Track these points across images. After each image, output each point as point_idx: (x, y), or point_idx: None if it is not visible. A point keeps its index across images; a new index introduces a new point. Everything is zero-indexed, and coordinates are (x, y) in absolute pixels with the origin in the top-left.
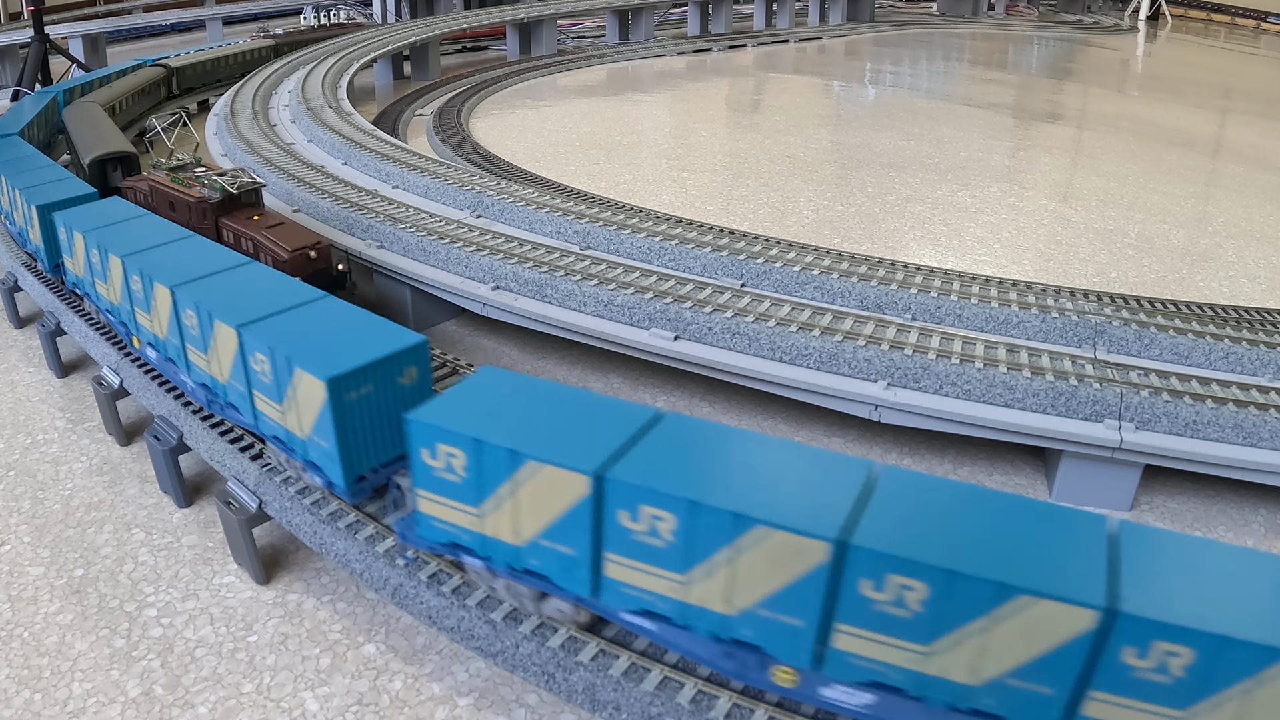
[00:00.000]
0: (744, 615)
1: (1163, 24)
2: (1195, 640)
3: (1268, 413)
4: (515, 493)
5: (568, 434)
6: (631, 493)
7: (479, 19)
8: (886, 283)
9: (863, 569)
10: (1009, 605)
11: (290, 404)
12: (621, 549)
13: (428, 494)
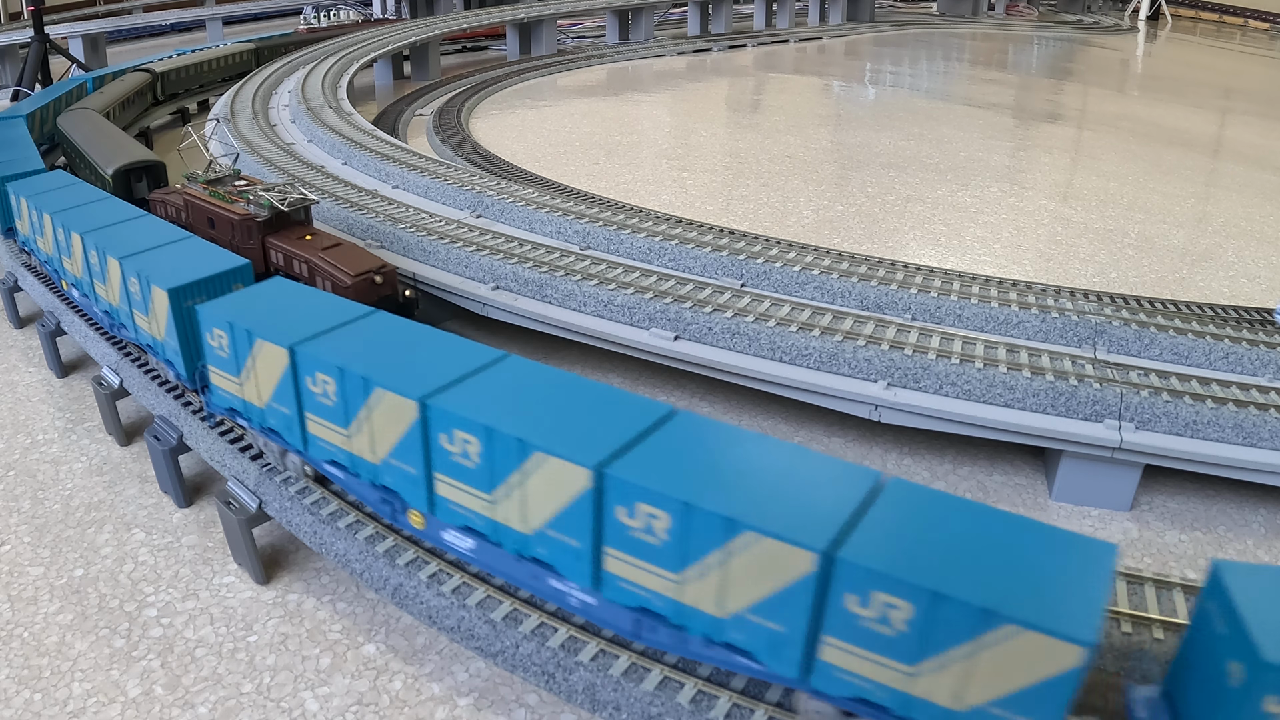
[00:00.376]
0: (734, 619)
1: (1163, 24)
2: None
3: (1268, 413)
4: (524, 482)
5: (576, 426)
6: (630, 490)
7: (479, 19)
8: (886, 283)
9: (848, 584)
10: (993, 634)
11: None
12: (620, 545)
13: (445, 477)
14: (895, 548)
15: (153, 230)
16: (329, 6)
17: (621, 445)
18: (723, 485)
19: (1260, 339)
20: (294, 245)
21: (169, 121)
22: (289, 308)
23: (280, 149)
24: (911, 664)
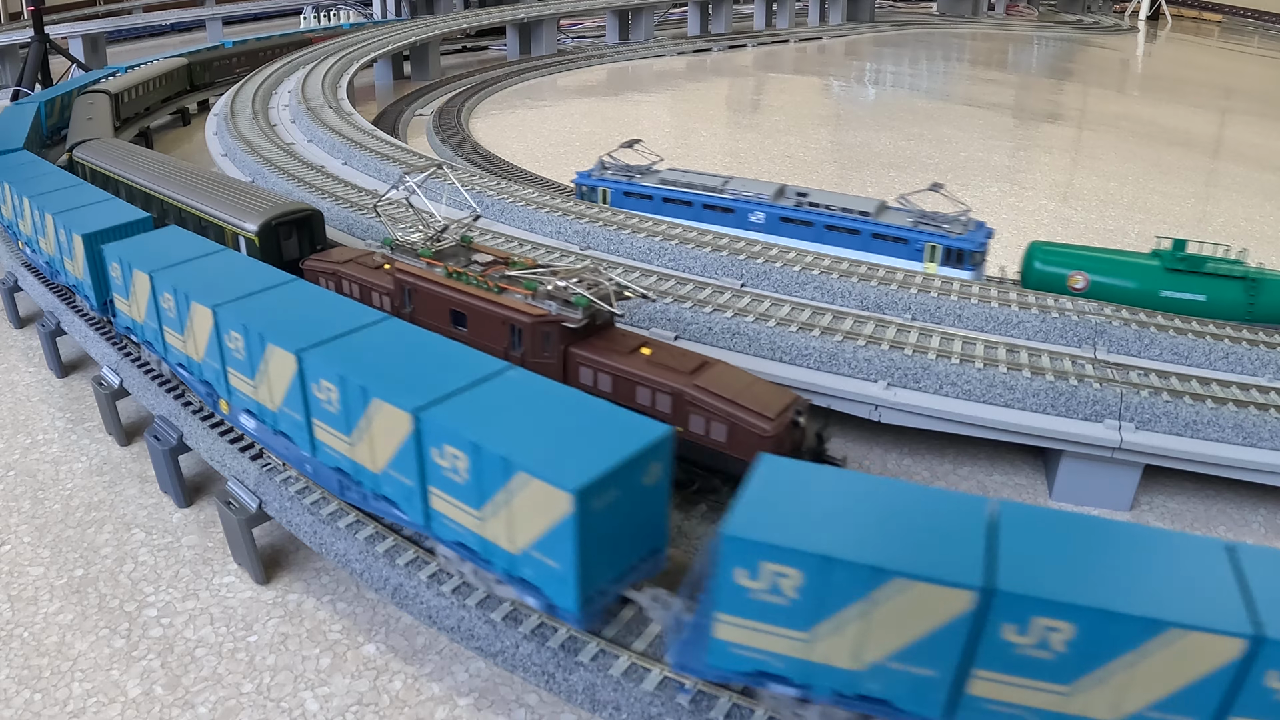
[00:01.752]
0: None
1: (1162, 24)
2: None
3: (1268, 413)
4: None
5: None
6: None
7: (479, 19)
8: (886, 283)
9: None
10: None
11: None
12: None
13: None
14: (778, 518)
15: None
16: (329, 6)
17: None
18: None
19: (1260, 339)
20: (636, 365)
21: (168, 122)
22: (164, 248)
23: (280, 149)
24: (806, 629)
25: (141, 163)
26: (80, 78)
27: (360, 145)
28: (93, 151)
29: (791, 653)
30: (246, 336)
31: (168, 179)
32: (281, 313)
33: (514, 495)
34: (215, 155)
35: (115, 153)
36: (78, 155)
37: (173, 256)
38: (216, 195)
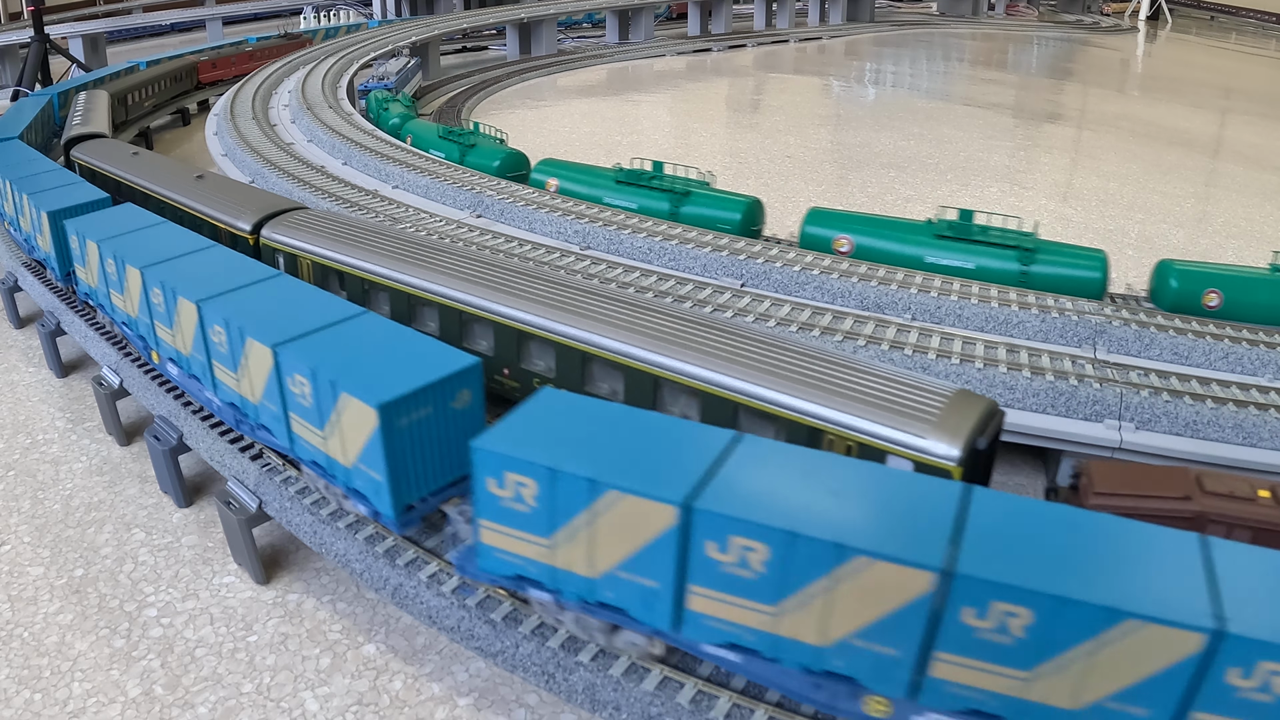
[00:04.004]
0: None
1: (1162, 24)
2: None
3: (1268, 413)
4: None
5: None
6: (722, 523)
7: (479, 19)
8: (886, 283)
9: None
10: (1117, 630)
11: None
12: (707, 580)
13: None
14: (529, 436)
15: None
16: (329, 6)
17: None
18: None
19: (1260, 339)
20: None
21: (168, 121)
22: (114, 222)
23: (280, 149)
24: (773, 604)
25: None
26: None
27: (360, 145)
28: (92, 153)
29: (539, 558)
30: (164, 293)
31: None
32: (189, 269)
33: (342, 414)
34: (215, 155)
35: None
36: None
37: (118, 229)
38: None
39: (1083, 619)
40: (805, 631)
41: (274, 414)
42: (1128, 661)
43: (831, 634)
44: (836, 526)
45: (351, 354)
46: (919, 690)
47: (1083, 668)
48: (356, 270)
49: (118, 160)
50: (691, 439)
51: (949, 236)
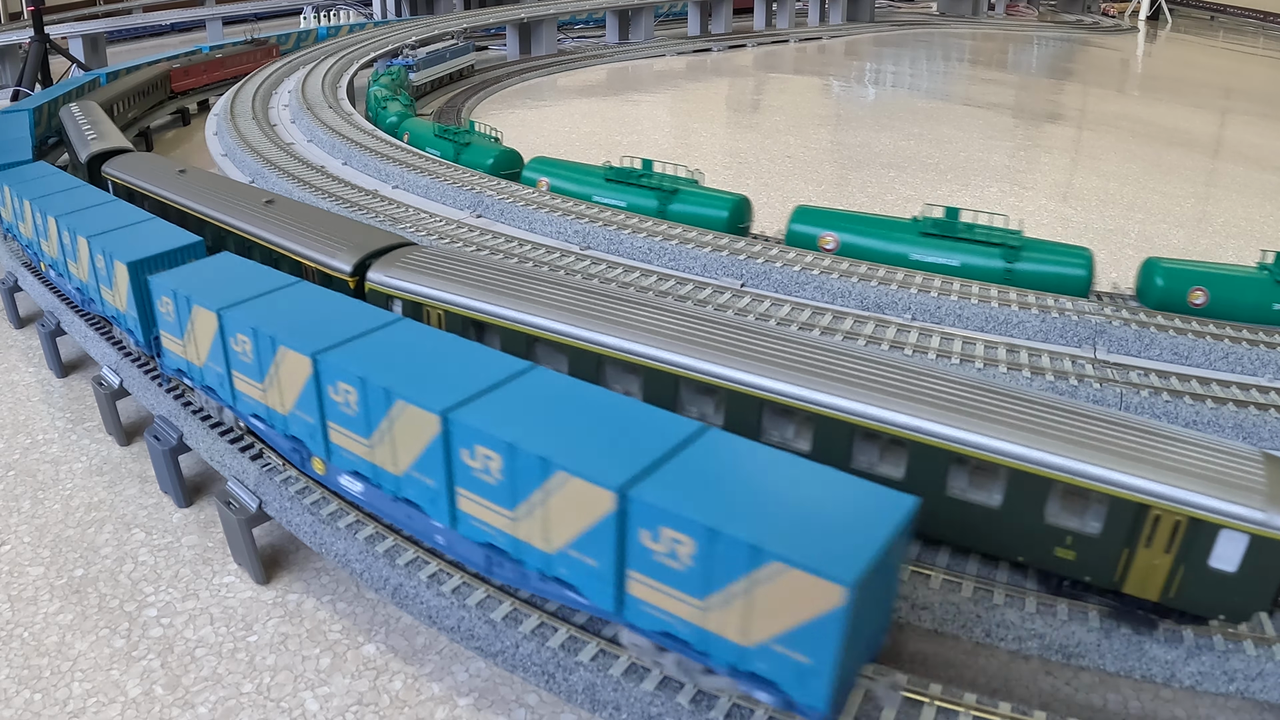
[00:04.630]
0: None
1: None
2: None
3: (1268, 413)
4: (546, 501)
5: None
6: (470, 433)
7: (479, 19)
8: (886, 283)
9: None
10: (766, 570)
11: None
12: (644, 568)
13: (468, 492)
14: (684, 488)
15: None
16: (329, 6)
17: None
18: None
19: (1260, 339)
20: None
21: (169, 121)
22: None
23: (280, 149)
24: (701, 598)
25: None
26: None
27: (360, 145)
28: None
29: (505, 529)
30: (361, 390)
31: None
32: (371, 352)
33: (758, 584)
34: (215, 155)
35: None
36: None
37: (231, 290)
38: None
39: (733, 553)
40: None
41: (587, 567)
42: (781, 603)
43: (556, 542)
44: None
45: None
46: (622, 606)
47: (743, 603)
48: (518, 325)
49: (163, 179)
50: (655, 426)
51: (934, 234)
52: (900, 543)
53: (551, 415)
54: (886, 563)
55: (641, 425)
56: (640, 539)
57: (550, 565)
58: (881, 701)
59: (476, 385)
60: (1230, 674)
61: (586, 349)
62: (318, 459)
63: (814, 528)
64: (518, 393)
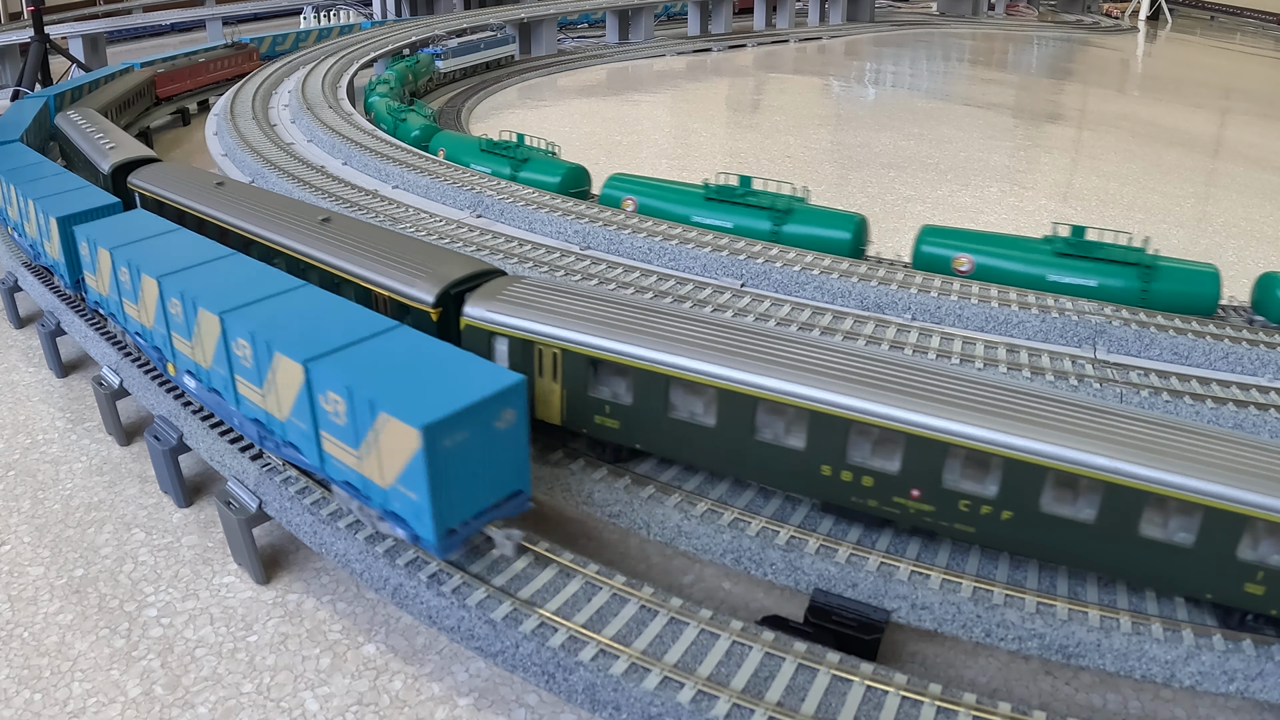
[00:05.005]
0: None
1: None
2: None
3: (1268, 413)
4: (273, 377)
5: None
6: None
7: (479, 19)
8: (886, 283)
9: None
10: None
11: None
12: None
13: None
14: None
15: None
16: (329, 6)
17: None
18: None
19: (1260, 339)
20: None
21: (169, 121)
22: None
23: (280, 149)
24: (355, 447)
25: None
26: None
27: (360, 145)
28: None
29: (259, 403)
30: (183, 303)
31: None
32: (215, 282)
33: (380, 434)
34: (215, 155)
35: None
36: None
37: (131, 236)
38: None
39: (362, 408)
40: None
41: (303, 431)
42: (395, 450)
43: (285, 411)
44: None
45: (392, 372)
46: (323, 462)
47: (376, 450)
48: (658, 366)
49: (200, 192)
50: (363, 321)
51: (1069, 254)
52: (501, 412)
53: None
54: (481, 424)
55: (352, 320)
56: (321, 403)
57: (284, 430)
58: (498, 546)
59: (341, 340)
60: (1230, 674)
61: (740, 391)
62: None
63: (421, 389)
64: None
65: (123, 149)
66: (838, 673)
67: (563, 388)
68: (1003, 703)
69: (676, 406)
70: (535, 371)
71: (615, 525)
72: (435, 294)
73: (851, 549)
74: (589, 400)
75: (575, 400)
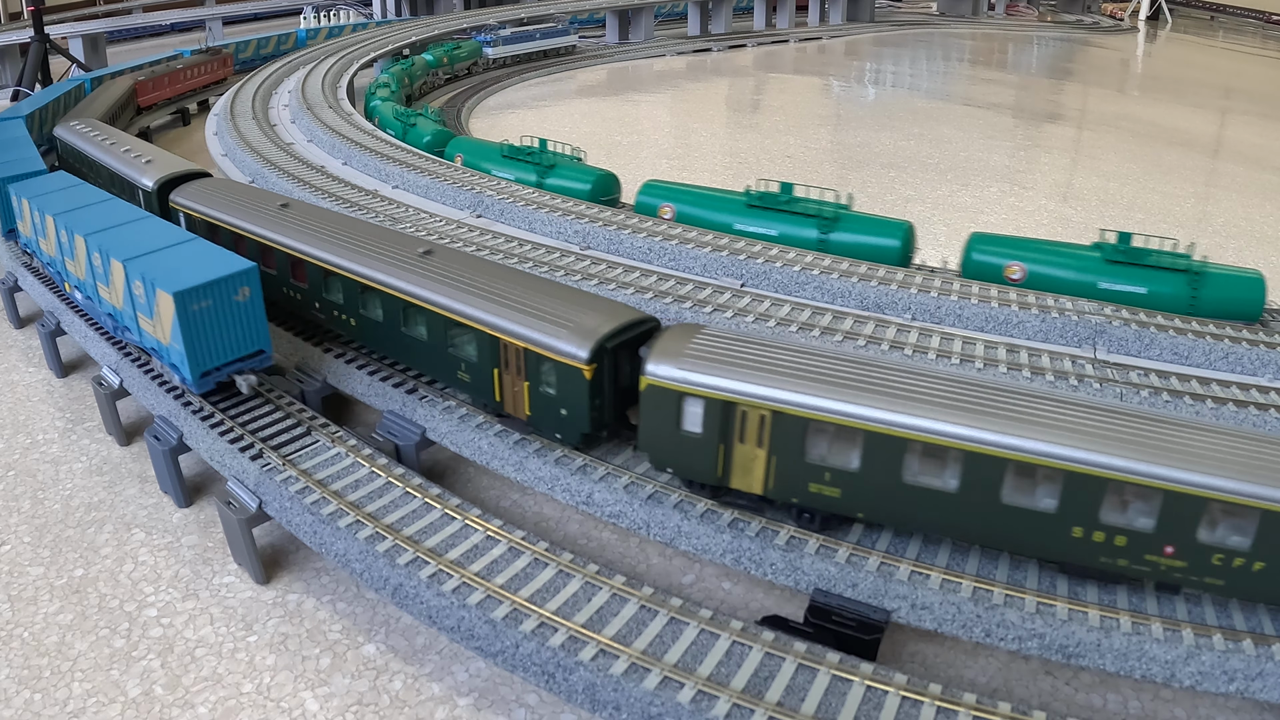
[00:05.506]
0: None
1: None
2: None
3: (1268, 413)
4: (112, 281)
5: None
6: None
7: (479, 19)
8: (886, 283)
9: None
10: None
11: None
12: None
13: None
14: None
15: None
16: (329, 6)
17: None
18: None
19: (1260, 339)
20: None
21: (169, 121)
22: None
23: (280, 149)
24: (150, 317)
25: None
26: None
27: (360, 145)
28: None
29: (107, 298)
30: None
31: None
32: (91, 216)
33: (158, 304)
34: (215, 155)
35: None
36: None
37: (47, 189)
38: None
39: (148, 287)
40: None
41: (130, 315)
42: (167, 314)
43: (120, 301)
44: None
45: (168, 261)
46: (140, 335)
47: (158, 317)
48: (889, 428)
49: (263, 216)
50: (169, 234)
51: (1120, 261)
52: (239, 289)
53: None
54: (222, 295)
55: (162, 234)
56: (134, 290)
57: (121, 317)
58: (238, 385)
59: (149, 248)
60: (1230, 674)
61: (988, 453)
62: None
63: (183, 272)
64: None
65: (162, 163)
66: (838, 673)
67: (769, 453)
68: (1003, 703)
69: (913, 471)
70: (735, 437)
71: (615, 525)
72: (590, 350)
73: (851, 549)
74: (804, 466)
75: (786, 467)
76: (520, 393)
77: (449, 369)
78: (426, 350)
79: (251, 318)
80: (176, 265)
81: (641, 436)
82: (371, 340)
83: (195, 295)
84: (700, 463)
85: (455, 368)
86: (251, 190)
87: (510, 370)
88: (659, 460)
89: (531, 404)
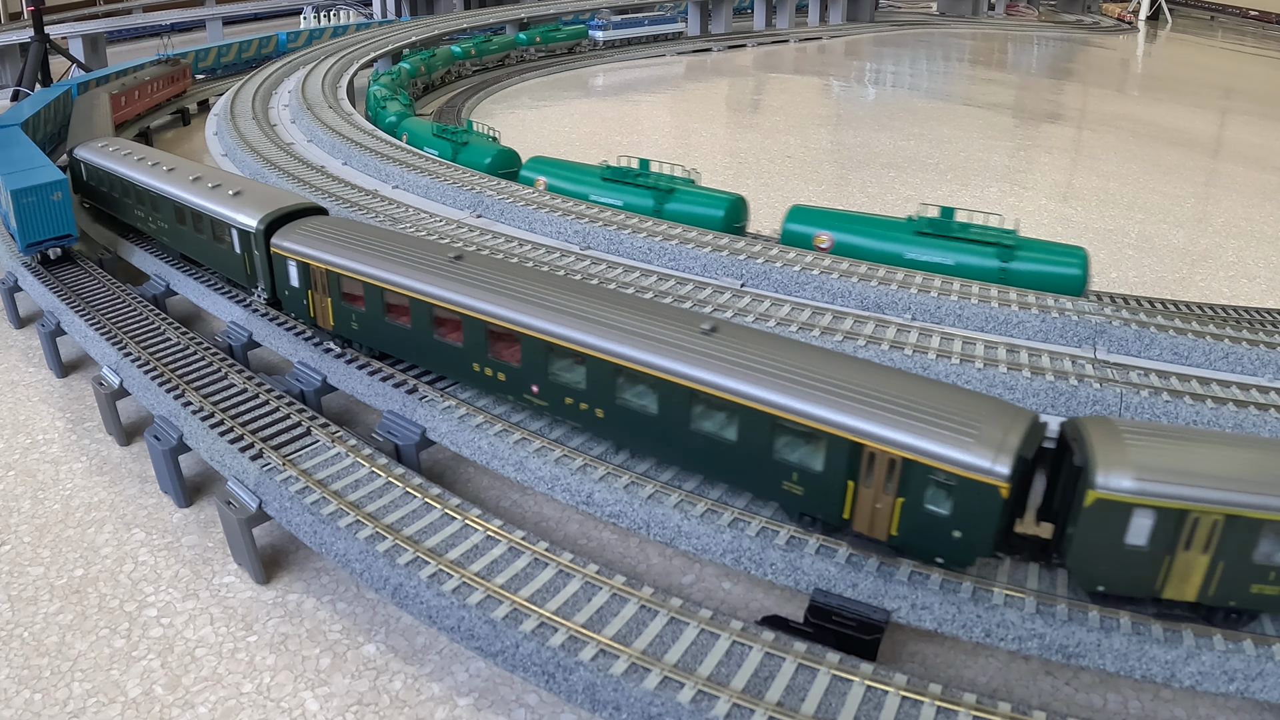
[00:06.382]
0: None
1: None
2: None
3: (1268, 413)
4: None
5: None
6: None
7: (479, 19)
8: (886, 283)
9: None
10: None
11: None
12: None
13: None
14: None
15: None
16: (329, 6)
17: None
18: None
19: (1260, 339)
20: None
21: (169, 121)
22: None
23: (280, 149)
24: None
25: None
26: None
27: (360, 145)
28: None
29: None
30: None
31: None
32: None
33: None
34: (215, 155)
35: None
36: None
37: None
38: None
39: (7, 193)
40: None
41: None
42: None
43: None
44: None
45: (29, 176)
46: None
47: (12, 211)
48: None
49: (428, 274)
50: (42, 166)
51: (929, 234)
52: (53, 193)
53: None
54: (43, 195)
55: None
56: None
57: (8, 219)
58: (50, 255)
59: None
60: (1230, 674)
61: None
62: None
63: (27, 181)
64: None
65: (259, 196)
66: (838, 673)
67: (1212, 559)
68: (1003, 703)
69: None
70: (1180, 545)
71: (615, 525)
72: (1010, 464)
73: (851, 549)
74: (1253, 568)
75: (1232, 570)
76: (886, 510)
77: (767, 479)
78: (730, 454)
79: (63, 212)
80: (32, 179)
81: (1074, 555)
82: (629, 439)
83: (26, 194)
84: (1142, 576)
85: (781, 477)
86: (402, 238)
87: (873, 484)
88: (1089, 579)
89: (903, 523)
